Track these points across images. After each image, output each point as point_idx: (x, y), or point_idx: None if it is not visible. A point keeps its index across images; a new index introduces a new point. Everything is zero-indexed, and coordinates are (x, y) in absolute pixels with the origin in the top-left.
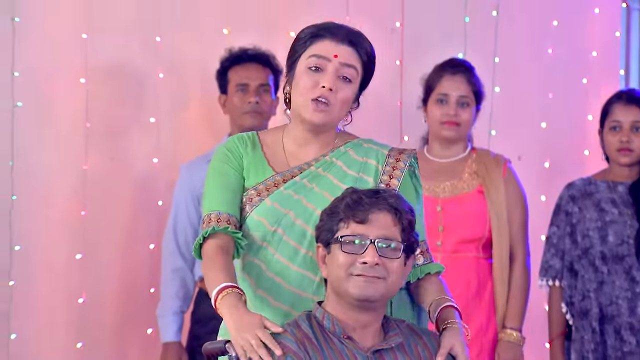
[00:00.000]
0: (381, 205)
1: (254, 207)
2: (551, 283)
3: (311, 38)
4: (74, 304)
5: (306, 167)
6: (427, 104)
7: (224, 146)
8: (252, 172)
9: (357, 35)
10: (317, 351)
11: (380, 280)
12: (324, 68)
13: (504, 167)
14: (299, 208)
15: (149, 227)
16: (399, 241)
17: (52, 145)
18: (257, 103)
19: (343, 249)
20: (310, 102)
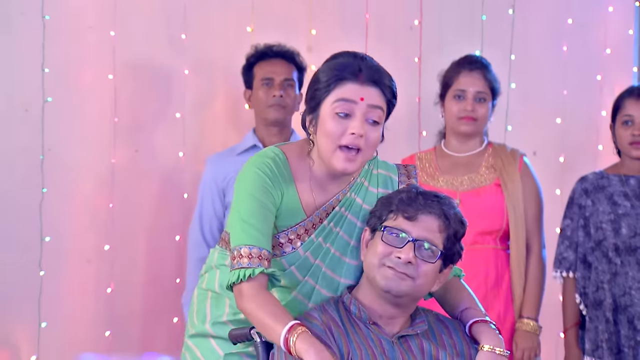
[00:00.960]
0: (433, 209)
1: (284, 254)
2: (565, 274)
3: (335, 82)
4: (102, 293)
5: (331, 209)
6: (445, 100)
7: (266, 175)
8: (286, 211)
9: (379, 73)
10: (342, 335)
11: (409, 279)
12: (352, 112)
13: (520, 161)
14: (328, 257)
15: (175, 219)
16: (439, 248)
17: (80, 140)
18: (282, 97)
19: (383, 239)
20: (339, 149)
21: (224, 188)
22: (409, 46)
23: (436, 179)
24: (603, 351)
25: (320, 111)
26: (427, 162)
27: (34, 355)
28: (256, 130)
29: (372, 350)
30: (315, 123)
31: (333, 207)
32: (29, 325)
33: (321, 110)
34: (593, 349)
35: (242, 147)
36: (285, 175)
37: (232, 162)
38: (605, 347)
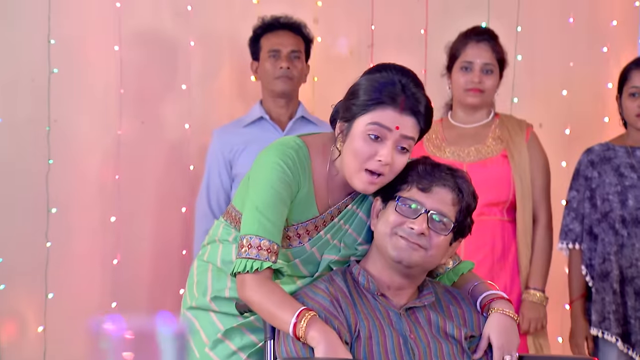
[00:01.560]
0: (448, 181)
1: (291, 247)
2: (571, 246)
3: (373, 104)
4: (108, 265)
5: (344, 207)
6: (452, 72)
7: (287, 167)
8: (300, 206)
9: (419, 102)
10: (350, 306)
11: (421, 250)
12: (384, 137)
13: (526, 132)
14: (335, 250)
15: (181, 191)
16: (452, 220)
17: (87, 111)
18: (289, 69)
19: (397, 209)
20: (364, 172)
21: (230, 160)
22: (415, 18)
23: (443, 150)
24: (610, 323)
25: (353, 127)
26: (434, 133)
27: (41, 326)
28: (263, 102)
29: (379, 322)
30: (346, 135)
31: (346, 205)
32: (36, 296)
33: (354, 126)
34: (600, 321)
35: (248, 119)
36: (306, 169)
37: (239, 134)
38: (612, 318)
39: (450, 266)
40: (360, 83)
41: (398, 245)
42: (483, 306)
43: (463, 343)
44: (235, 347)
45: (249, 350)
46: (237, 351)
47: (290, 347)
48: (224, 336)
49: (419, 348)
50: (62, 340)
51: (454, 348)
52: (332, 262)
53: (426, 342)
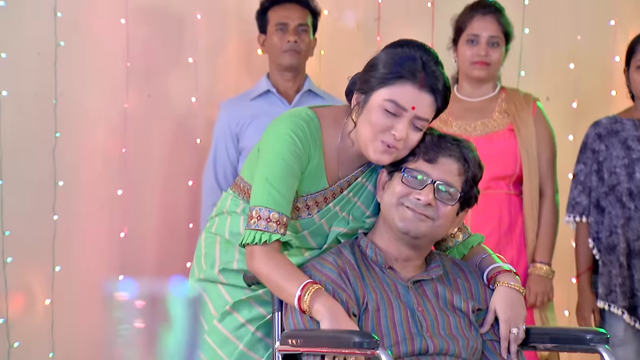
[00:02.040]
0: (453, 152)
1: (299, 218)
2: (578, 219)
3: (393, 78)
4: (115, 238)
5: (354, 179)
6: (458, 45)
7: (298, 138)
8: (309, 177)
9: (438, 80)
10: (357, 278)
11: (428, 220)
12: (400, 115)
13: (533, 106)
14: (344, 222)
15: (188, 164)
16: (458, 190)
17: (93, 84)
18: (296, 42)
19: (403, 180)
20: (380, 142)
21: (237, 133)
22: None
23: (449, 124)
24: (616, 295)
25: (370, 99)
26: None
27: (49, 299)
28: (270, 76)
29: (387, 294)
30: (362, 106)
31: (356, 177)
32: (43, 269)
33: (371, 98)
34: (606, 294)
35: (255, 92)
36: (317, 141)
37: (246, 107)
38: (618, 291)
39: (460, 239)
40: (380, 56)
41: (405, 216)
42: (490, 279)
43: (470, 316)
44: (244, 319)
45: (257, 323)
46: (245, 323)
47: (297, 320)
48: (232, 308)
49: (427, 321)
50: (70, 313)
51: (461, 321)
52: (340, 235)
53: (434, 314)
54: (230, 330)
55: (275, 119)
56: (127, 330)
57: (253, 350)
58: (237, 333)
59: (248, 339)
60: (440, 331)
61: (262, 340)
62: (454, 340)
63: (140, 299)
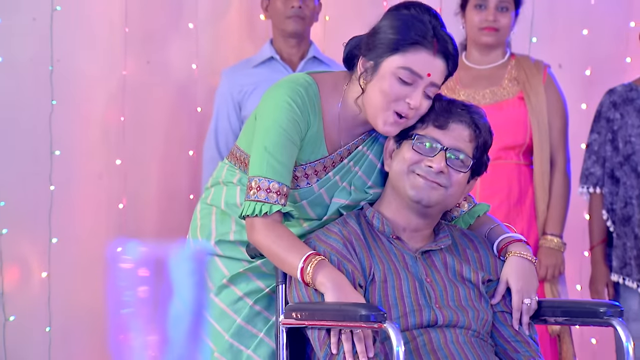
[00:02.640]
0: (464, 117)
1: (298, 187)
2: (592, 190)
3: (407, 45)
4: (114, 209)
5: (354, 148)
6: (465, 10)
7: (296, 105)
8: (308, 145)
9: (449, 43)
10: (364, 249)
11: (441, 188)
12: (414, 83)
13: (544, 73)
14: (345, 193)
15: (188, 134)
16: (470, 157)
17: (90, 51)
18: (300, 7)
19: (414, 147)
20: (392, 113)
21: (239, 101)
22: None
23: (457, 92)
24: (631, 268)
25: (381, 66)
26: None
27: (45, 272)
28: (273, 42)
29: (394, 265)
30: (372, 74)
31: (357, 146)
32: (40, 241)
33: (382, 65)
34: (621, 267)
35: (258, 59)
36: (315, 107)
37: (248, 74)
38: (633, 264)
39: (466, 209)
40: (386, 20)
41: (416, 184)
42: (500, 249)
43: (480, 287)
44: (241, 292)
45: (255, 296)
46: (243, 297)
47: (302, 292)
48: (229, 282)
49: (435, 292)
50: (67, 286)
51: (471, 292)
52: (342, 207)
53: (442, 285)
54: (227, 303)
55: (272, 86)
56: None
57: (251, 324)
58: (235, 307)
59: (246, 312)
60: (450, 302)
61: (261, 313)
62: (464, 311)
63: (144, 265)
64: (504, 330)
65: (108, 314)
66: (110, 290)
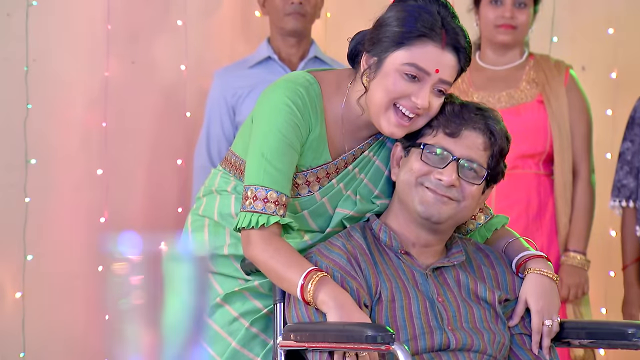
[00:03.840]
0: (478, 124)
1: (298, 196)
2: (624, 204)
3: (412, 38)
4: (94, 223)
5: (360, 153)
6: (480, 6)
7: (297, 107)
8: (310, 150)
9: (459, 35)
10: (369, 265)
11: (453, 202)
12: (421, 79)
13: (565, 74)
14: (350, 203)
15: (176, 141)
16: (484, 167)
17: (69, 50)
18: (301, 3)
19: (423, 158)
20: (393, 108)
21: (233, 105)
22: None
23: (470, 95)
24: None
25: (385, 62)
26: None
27: (19, 292)
28: (271, 40)
29: (403, 283)
30: (375, 71)
31: (362, 151)
32: (13, 258)
33: (386, 61)
34: None
35: (254, 59)
36: (317, 109)
37: (243, 76)
38: None
39: (482, 221)
40: (391, 12)
41: (425, 198)
42: (519, 266)
43: (497, 307)
44: (237, 313)
45: (251, 317)
46: (238, 317)
47: (302, 312)
48: (223, 301)
49: (448, 312)
50: (43, 308)
51: (486, 313)
52: (346, 218)
53: (455, 305)
54: (221, 325)
55: (269, 86)
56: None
57: (247, 347)
58: (230, 328)
59: (242, 334)
60: (463, 324)
61: (258, 336)
62: (479, 334)
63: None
64: (523, 355)
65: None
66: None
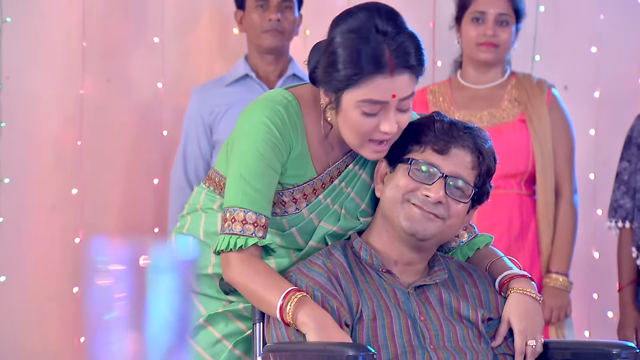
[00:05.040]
0: (467, 142)
1: (286, 214)
2: (621, 225)
3: (358, 79)
4: (69, 243)
5: (344, 166)
6: (461, 23)
7: (276, 127)
8: (294, 167)
9: (408, 50)
10: (350, 283)
11: (438, 220)
12: (383, 109)
13: (547, 93)
14: (334, 219)
15: (153, 160)
16: (471, 185)
17: (44, 67)
18: (279, 21)
19: (410, 174)
20: (368, 142)
21: (210, 124)
22: None
23: (451, 114)
24: None
25: (342, 101)
26: (441, 95)
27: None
28: (248, 58)
29: (384, 302)
30: (336, 108)
31: (347, 164)
32: None
33: (343, 100)
34: None
35: (232, 77)
36: (297, 127)
37: (221, 94)
38: None
39: (465, 239)
40: (336, 51)
41: (411, 214)
42: (501, 285)
43: (480, 326)
44: (220, 334)
45: (234, 339)
46: (221, 339)
47: (281, 332)
48: (206, 322)
49: (430, 331)
50: (15, 332)
51: (469, 332)
52: (329, 234)
53: (438, 324)
54: (204, 347)
55: (248, 105)
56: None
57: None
58: (213, 350)
59: (225, 357)
60: (446, 343)
61: (241, 358)
62: (462, 353)
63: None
64: None
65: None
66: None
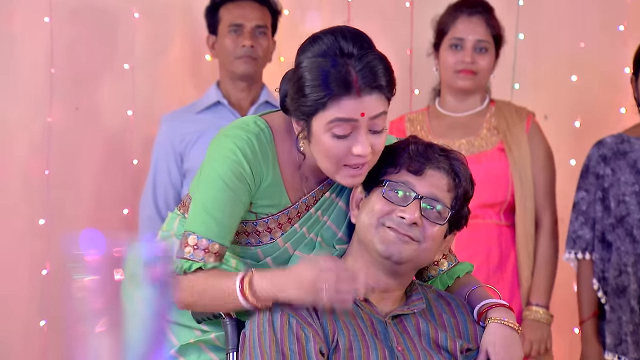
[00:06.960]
0: (443, 164)
1: (260, 244)
2: (580, 256)
3: (325, 102)
4: (36, 275)
5: (320, 194)
6: (440, 50)
7: (245, 158)
8: (266, 197)
9: (375, 70)
10: (326, 312)
11: (413, 243)
12: (353, 130)
13: (527, 121)
14: (310, 248)
15: (122, 189)
16: (448, 207)
17: (11, 94)
18: (252, 47)
19: (384, 195)
20: (343, 167)
21: (181, 152)
22: None
23: None
24: (627, 346)
25: (312, 126)
26: (419, 124)
27: None
28: (220, 84)
29: (361, 331)
30: (308, 135)
31: (323, 192)
32: None
33: (313, 125)
34: (616, 344)
35: (203, 104)
36: (269, 156)
37: (192, 121)
38: (630, 341)
39: (445, 268)
40: (303, 76)
41: (386, 237)
42: (480, 315)
43: (458, 357)
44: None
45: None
46: None
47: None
48: (178, 353)
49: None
50: None
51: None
52: None
53: (416, 354)
54: None
55: (220, 131)
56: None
57: None
58: None
59: None
60: None
61: None
62: None
63: None
64: None
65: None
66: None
